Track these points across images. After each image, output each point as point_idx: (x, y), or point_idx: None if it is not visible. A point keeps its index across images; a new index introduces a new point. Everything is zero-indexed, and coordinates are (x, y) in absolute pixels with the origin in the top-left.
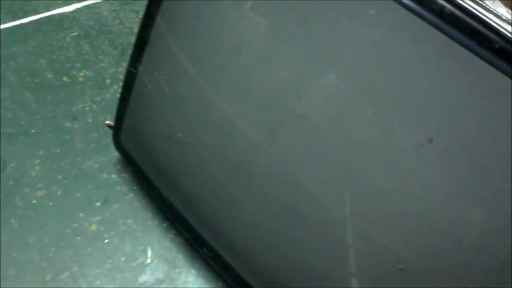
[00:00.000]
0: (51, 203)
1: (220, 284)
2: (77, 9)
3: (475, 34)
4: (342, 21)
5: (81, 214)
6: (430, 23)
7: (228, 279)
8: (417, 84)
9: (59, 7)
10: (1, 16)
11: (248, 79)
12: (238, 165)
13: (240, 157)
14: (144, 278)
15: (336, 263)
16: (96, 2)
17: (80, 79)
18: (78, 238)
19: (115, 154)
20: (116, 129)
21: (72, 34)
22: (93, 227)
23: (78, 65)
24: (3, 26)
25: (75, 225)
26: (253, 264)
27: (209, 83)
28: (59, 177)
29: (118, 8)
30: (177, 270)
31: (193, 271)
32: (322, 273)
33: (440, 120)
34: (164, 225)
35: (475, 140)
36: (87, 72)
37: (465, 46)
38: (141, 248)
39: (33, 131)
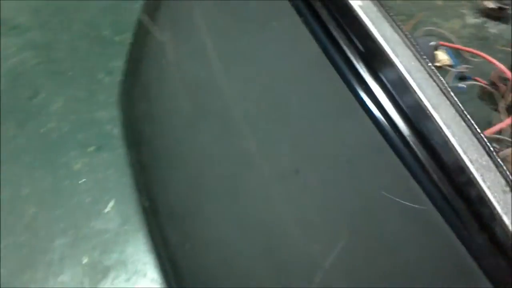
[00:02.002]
0: (55, 136)
1: (159, 255)
2: None
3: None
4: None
5: (73, 152)
6: None
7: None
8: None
9: None
10: None
11: None
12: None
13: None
14: (96, 223)
15: None
16: None
17: (128, 41)
18: (61, 171)
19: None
20: (121, 85)
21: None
22: (78, 166)
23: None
24: None
25: (64, 159)
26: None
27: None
28: (72, 117)
29: None
30: (125, 228)
31: (139, 235)
32: None
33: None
34: (136, 186)
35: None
36: None
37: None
38: (107, 198)
39: (70, 73)
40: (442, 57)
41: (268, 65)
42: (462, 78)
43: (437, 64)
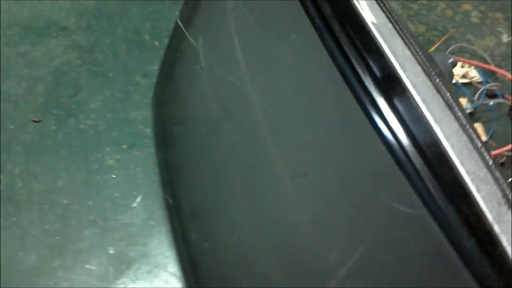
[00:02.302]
0: (92, 132)
1: (180, 250)
2: None
3: None
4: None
5: (107, 149)
6: None
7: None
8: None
9: None
10: None
11: None
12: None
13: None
14: (123, 216)
15: None
16: None
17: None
18: (95, 165)
19: None
20: (155, 88)
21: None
22: (111, 162)
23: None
24: None
25: (99, 155)
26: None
27: None
28: (109, 115)
29: None
30: (151, 223)
31: (163, 229)
32: None
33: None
34: (162, 184)
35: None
36: None
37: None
38: (135, 193)
39: (111, 74)
40: (473, 74)
41: (287, 74)
42: (491, 95)
43: (466, 80)
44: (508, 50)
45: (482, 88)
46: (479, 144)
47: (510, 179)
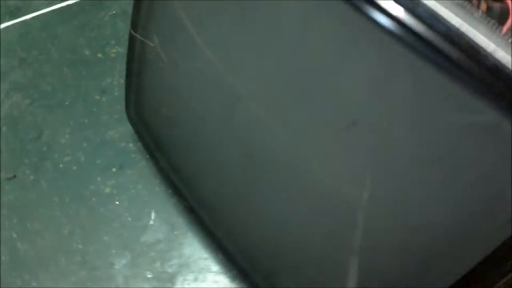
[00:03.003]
0: (75, 168)
1: (214, 248)
2: None
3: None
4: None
5: (98, 178)
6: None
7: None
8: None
9: None
10: None
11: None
12: (224, 138)
13: (224, 128)
14: (146, 237)
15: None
16: None
17: (113, 55)
18: (93, 199)
19: None
20: (126, 101)
21: (110, 13)
22: (108, 190)
23: (112, 42)
24: (53, 7)
25: (92, 187)
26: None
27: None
28: (84, 144)
29: None
30: (175, 232)
31: (189, 234)
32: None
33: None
34: (169, 191)
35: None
36: (119, 49)
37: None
38: (147, 210)
39: (67, 103)
40: None
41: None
42: None
43: None
44: None
45: None
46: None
47: None
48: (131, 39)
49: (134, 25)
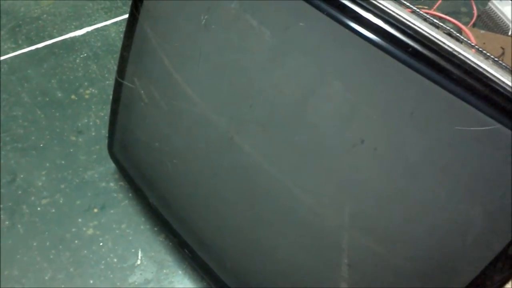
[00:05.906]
0: (53, 210)
1: (204, 284)
2: (88, 32)
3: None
4: (280, 33)
5: (79, 220)
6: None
7: (210, 280)
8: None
9: (71, 31)
10: (19, 42)
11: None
12: (212, 172)
13: (211, 163)
14: (134, 278)
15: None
16: (105, 25)
17: (87, 96)
18: (76, 241)
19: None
20: (109, 140)
21: (81, 56)
22: (90, 231)
23: (85, 83)
24: (21, 51)
25: (73, 229)
26: (234, 267)
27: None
28: (62, 186)
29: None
30: (164, 271)
31: (180, 272)
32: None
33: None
34: (155, 228)
35: (401, 138)
36: (93, 90)
37: (387, 52)
38: (133, 250)
39: (41, 145)
40: None
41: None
42: None
43: None
44: None
45: None
46: None
47: None
48: (116, 84)
49: (120, 72)
